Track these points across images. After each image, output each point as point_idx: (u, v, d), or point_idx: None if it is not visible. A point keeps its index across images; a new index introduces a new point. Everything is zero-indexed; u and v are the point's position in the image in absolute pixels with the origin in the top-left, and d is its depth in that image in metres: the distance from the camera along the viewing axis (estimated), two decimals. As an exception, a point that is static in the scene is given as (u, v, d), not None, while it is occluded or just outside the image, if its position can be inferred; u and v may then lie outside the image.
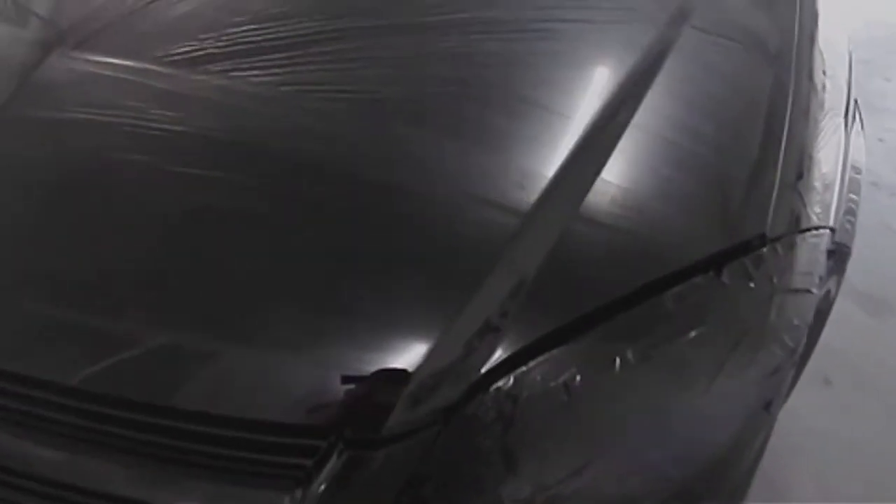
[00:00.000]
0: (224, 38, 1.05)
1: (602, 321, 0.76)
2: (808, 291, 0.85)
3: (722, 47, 1.11)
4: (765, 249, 0.83)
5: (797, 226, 0.88)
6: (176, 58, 1.02)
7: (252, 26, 1.06)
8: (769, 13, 1.25)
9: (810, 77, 1.13)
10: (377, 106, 0.96)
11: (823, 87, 1.14)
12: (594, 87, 1.01)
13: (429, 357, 0.73)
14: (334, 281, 0.79)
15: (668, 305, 0.78)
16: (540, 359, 0.74)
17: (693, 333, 0.77)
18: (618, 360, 0.75)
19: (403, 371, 0.72)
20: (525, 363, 0.74)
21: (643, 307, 0.77)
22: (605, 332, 0.76)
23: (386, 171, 0.88)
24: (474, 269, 0.78)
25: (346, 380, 0.73)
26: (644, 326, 0.77)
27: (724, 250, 0.81)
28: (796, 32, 1.20)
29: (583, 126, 0.92)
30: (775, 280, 0.82)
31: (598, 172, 0.87)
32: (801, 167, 0.97)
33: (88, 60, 1.03)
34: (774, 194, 0.89)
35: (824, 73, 1.18)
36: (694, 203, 0.88)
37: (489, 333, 0.74)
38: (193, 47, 1.04)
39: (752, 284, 0.81)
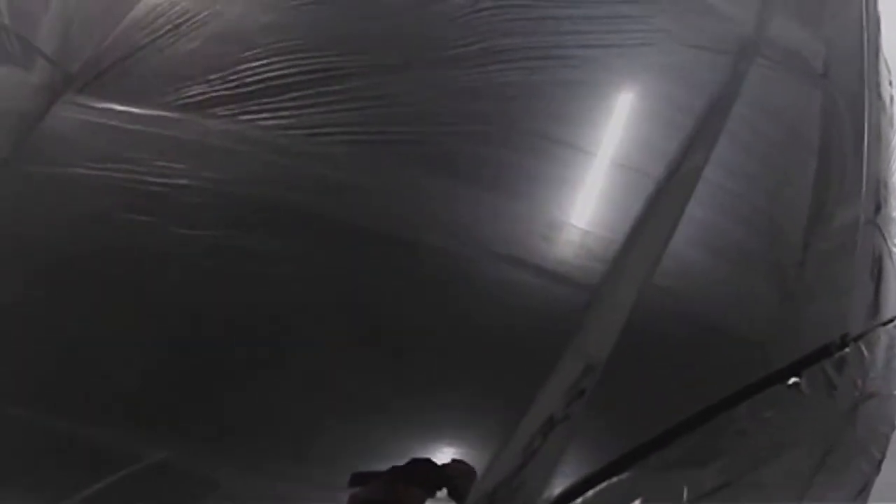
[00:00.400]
0: (232, 77, 0.96)
1: (668, 442, 0.67)
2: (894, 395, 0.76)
3: (794, 81, 1.01)
4: (847, 350, 0.73)
5: (878, 317, 0.78)
6: (185, 101, 0.93)
7: (261, 62, 0.98)
8: (838, 27, 1.14)
9: (879, 95, 1.04)
10: (400, 151, 0.87)
11: (891, 100, 1.05)
12: (654, 130, 0.90)
13: (487, 473, 0.63)
14: (359, 372, 0.70)
15: (742, 422, 0.68)
16: (598, 489, 0.65)
17: (770, 454, 0.68)
18: (686, 489, 0.66)
19: (462, 492, 0.62)
20: (581, 494, 0.65)
21: (713, 424, 0.68)
22: (671, 455, 0.67)
23: (425, 234, 0.79)
24: (537, 363, 0.69)
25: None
26: (714, 448, 0.68)
27: (805, 356, 0.72)
28: (865, 46, 1.10)
29: (649, 180, 0.82)
30: (859, 384, 0.73)
31: (667, 241, 0.77)
32: (878, 198, 0.90)
33: (95, 108, 0.94)
34: (854, 277, 0.79)
35: (890, 83, 1.08)
36: (773, 290, 0.78)
37: (553, 433, 0.65)
38: (201, 89, 0.95)
39: (834, 393, 0.71)
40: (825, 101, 0.99)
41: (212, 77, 0.96)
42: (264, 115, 0.90)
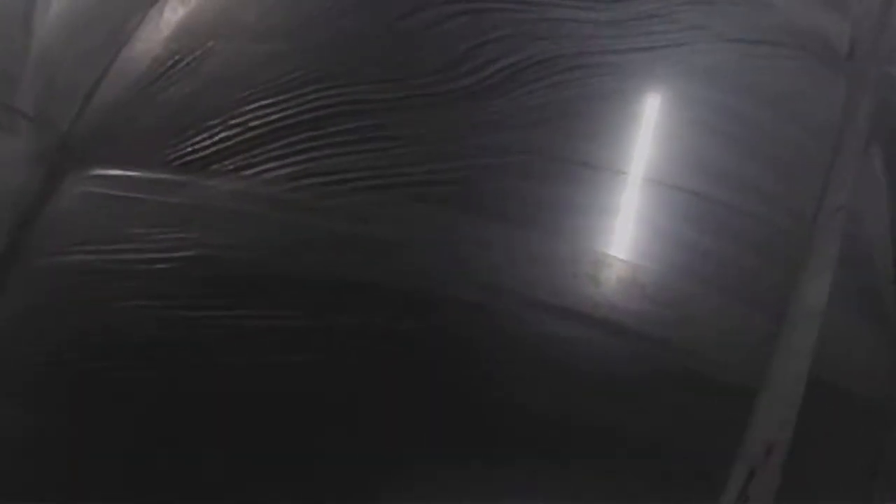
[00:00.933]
0: (234, 122, 0.86)
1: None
2: None
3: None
4: None
5: None
6: (185, 158, 0.84)
7: (263, 102, 0.87)
8: None
9: None
10: (426, 193, 0.78)
11: None
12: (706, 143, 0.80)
13: None
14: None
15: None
16: None
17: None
18: None
19: None
20: None
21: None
22: None
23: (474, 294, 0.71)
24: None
25: None
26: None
27: None
28: None
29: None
30: None
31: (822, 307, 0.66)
32: None
33: (91, 177, 0.86)
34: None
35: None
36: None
37: None
38: (202, 141, 0.85)
39: None
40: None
41: (212, 124, 0.86)
42: (270, 164, 0.80)
